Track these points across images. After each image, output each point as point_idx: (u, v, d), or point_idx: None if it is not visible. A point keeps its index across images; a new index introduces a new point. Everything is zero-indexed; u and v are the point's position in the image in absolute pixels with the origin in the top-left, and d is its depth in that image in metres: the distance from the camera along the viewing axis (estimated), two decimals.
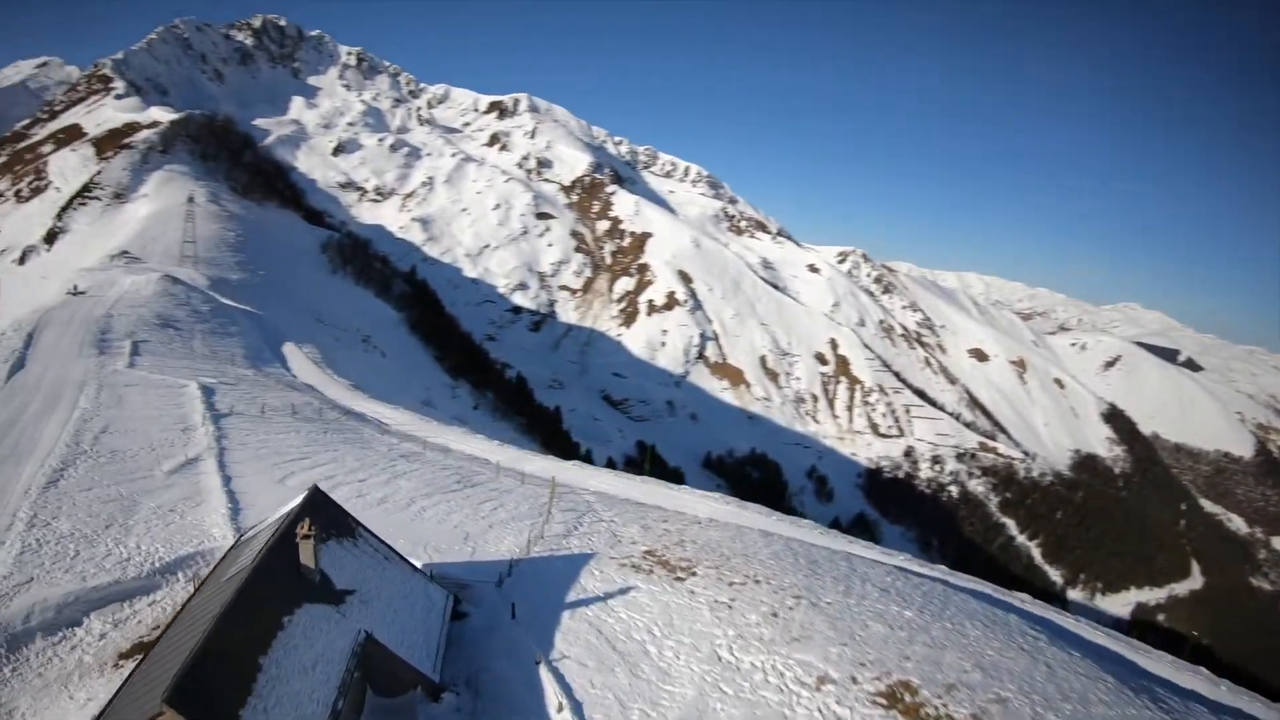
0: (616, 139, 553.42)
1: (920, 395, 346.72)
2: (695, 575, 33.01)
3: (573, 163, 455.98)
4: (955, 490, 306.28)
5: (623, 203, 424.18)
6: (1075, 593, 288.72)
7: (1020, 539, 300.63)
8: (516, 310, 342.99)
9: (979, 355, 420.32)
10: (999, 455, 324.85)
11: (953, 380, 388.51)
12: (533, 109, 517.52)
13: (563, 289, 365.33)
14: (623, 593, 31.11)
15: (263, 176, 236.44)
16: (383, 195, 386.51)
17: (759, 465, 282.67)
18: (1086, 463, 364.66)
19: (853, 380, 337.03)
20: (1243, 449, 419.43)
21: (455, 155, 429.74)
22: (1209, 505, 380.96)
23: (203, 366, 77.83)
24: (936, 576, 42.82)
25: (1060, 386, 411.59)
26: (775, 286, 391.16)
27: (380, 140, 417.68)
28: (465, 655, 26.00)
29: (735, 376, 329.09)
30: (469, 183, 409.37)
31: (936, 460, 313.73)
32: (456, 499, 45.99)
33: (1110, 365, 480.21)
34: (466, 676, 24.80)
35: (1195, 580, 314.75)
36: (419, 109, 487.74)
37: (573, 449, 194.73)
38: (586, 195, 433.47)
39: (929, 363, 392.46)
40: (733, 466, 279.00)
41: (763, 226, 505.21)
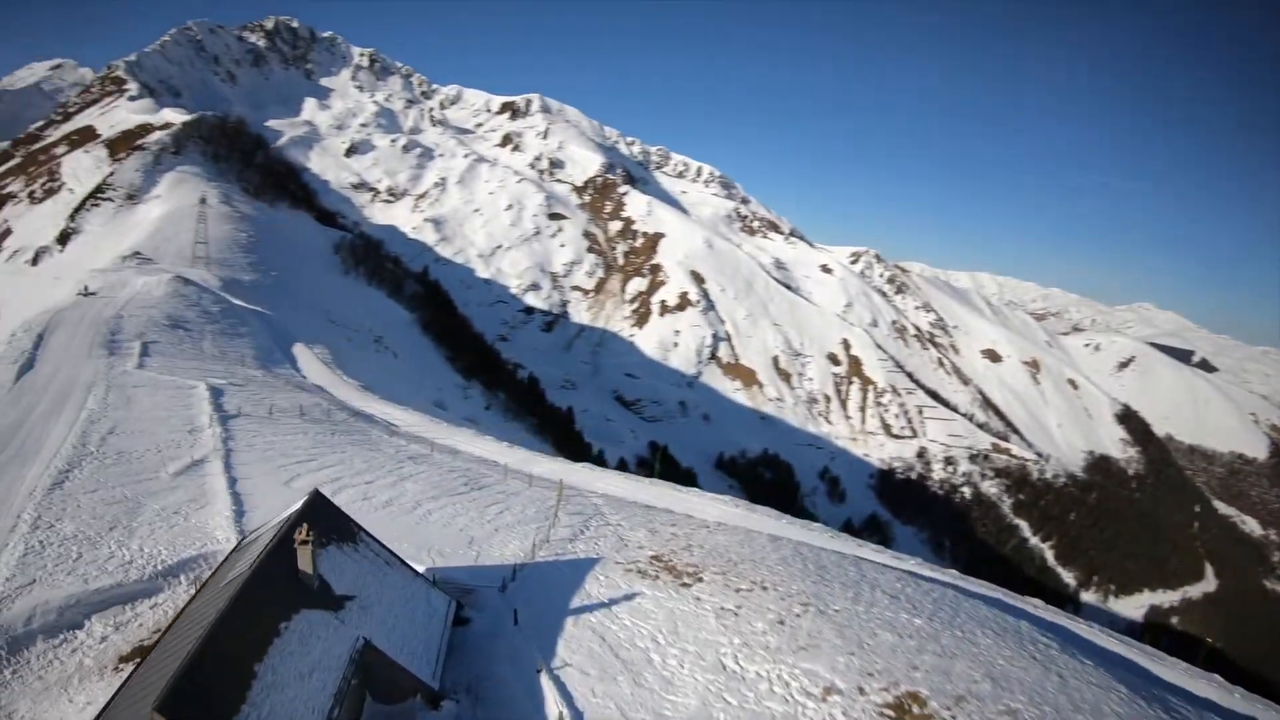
0: (629, 139, 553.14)
1: (933, 396, 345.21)
2: (702, 581, 32.65)
3: (585, 163, 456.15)
4: (968, 491, 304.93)
5: (635, 203, 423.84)
6: (1088, 595, 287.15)
7: (1033, 541, 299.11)
8: (529, 311, 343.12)
9: (992, 356, 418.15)
10: (1012, 456, 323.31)
11: (966, 381, 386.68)
12: (545, 110, 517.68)
13: (575, 289, 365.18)
14: (627, 599, 30.79)
15: (275, 177, 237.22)
16: (395, 196, 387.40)
17: (771, 466, 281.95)
18: (1100, 464, 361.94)
19: (865, 381, 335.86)
20: (1257, 450, 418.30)
21: (468, 156, 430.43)
22: (1223, 507, 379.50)
23: (212, 367, 77.96)
24: (948, 582, 42.35)
25: (1074, 387, 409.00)
26: (788, 287, 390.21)
27: (393, 141, 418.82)
28: (467, 662, 25.75)
29: (748, 377, 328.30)
30: (481, 183, 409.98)
31: (949, 461, 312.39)
32: (463, 502, 45.80)
33: (1124, 366, 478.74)
34: (468, 683, 24.59)
35: (1209, 583, 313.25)
36: (431, 110, 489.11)
37: (585, 450, 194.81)
38: (599, 196, 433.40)
39: (942, 363, 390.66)
40: (745, 467, 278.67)
41: (775, 227, 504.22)
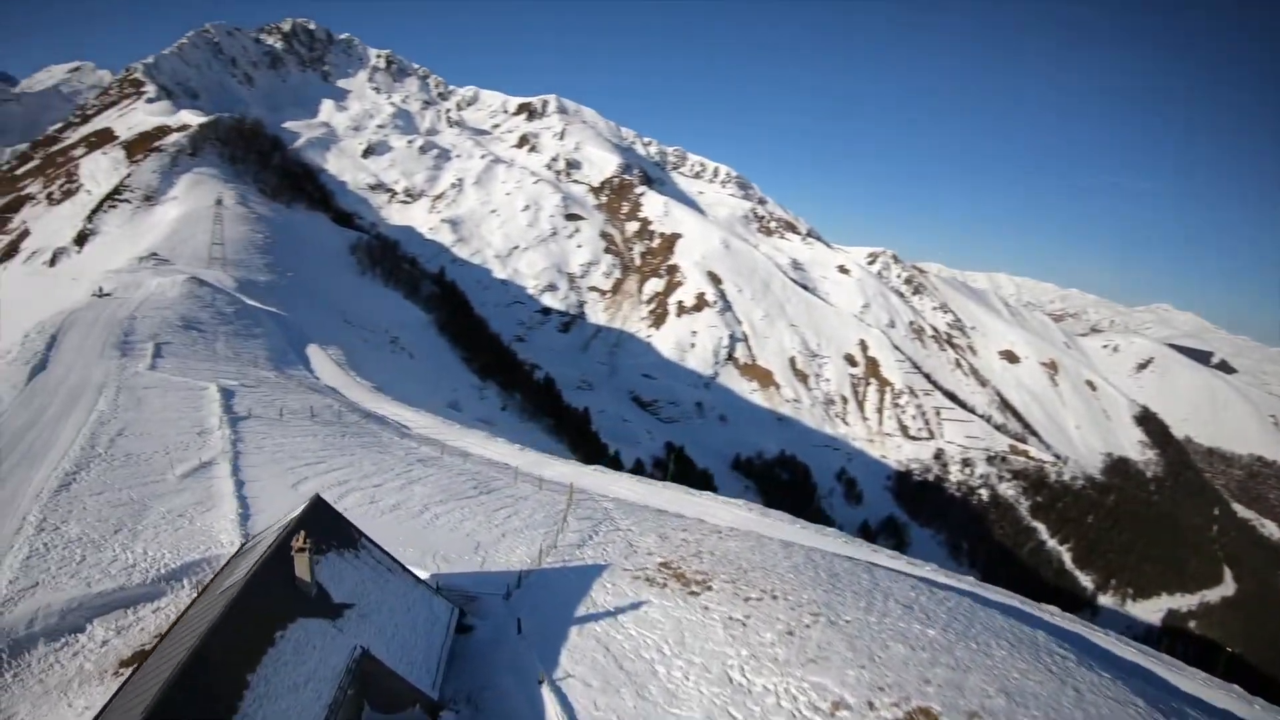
0: (645, 140, 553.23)
1: (950, 397, 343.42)
2: (710, 589, 32.12)
3: (602, 164, 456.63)
4: (985, 494, 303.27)
5: (652, 204, 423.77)
6: (1106, 598, 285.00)
7: (1051, 544, 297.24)
8: (546, 311, 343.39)
9: (1010, 357, 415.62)
10: (1030, 458, 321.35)
11: (983, 382, 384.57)
12: (561, 110, 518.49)
13: (592, 290, 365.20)
14: (634, 607, 30.30)
15: (292, 179, 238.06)
16: (412, 197, 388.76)
17: (788, 467, 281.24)
18: (1118, 466, 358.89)
19: (882, 382, 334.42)
20: (1276, 453, 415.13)
21: (484, 157, 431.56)
22: (1242, 510, 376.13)
23: (224, 368, 77.94)
24: (964, 589, 41.69)
25: (1092, 389, 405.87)
26: (805, 287, 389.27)
27: (410, 142, 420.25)
28: (468, 671, 25.37)
29: (764, 378, 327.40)
30: (498, 184, 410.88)
31: (967, 463, 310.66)
32: (471, 506, 45.47)
33: (1142, 367, 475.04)
34: (468, 693, 24.20)
35: (1227, 587, 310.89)
36: (448, 111, 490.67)
37: (601, 450, 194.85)
38: (615, 196, 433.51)
39: (959, 364, 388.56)
40: (762, 468, 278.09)
41: (792, 227, 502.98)
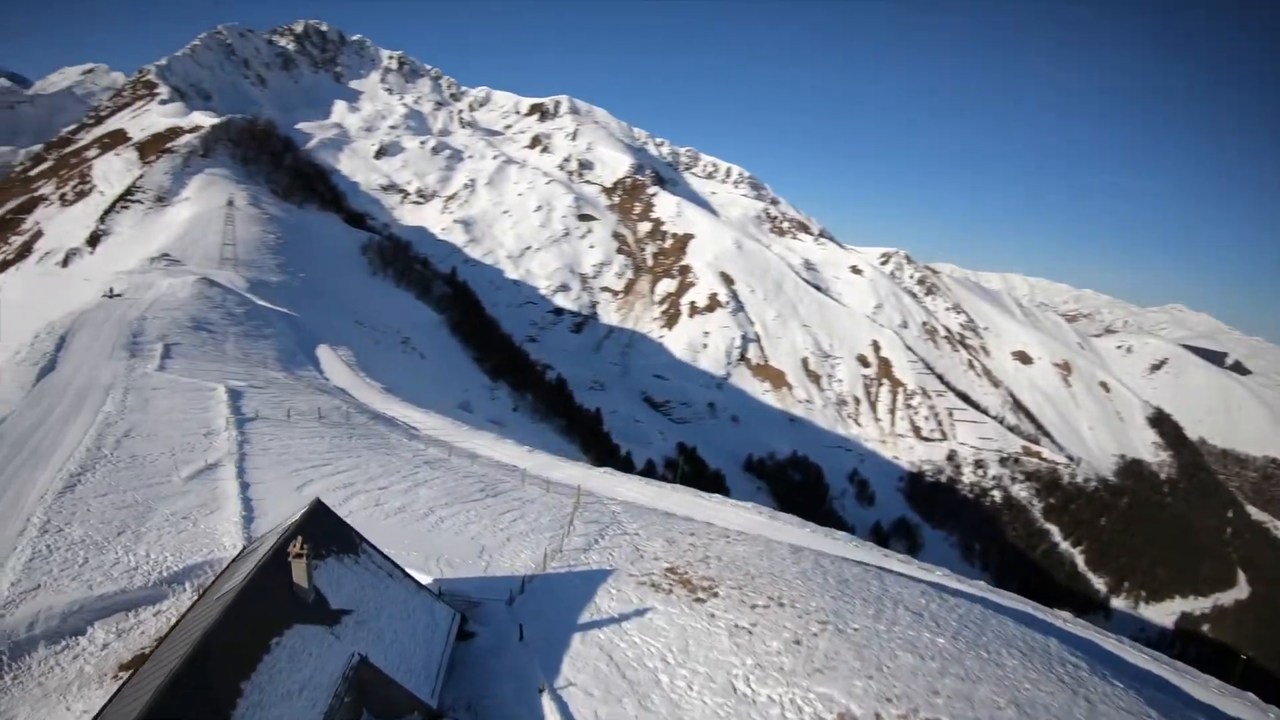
0: (658, 140, 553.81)
1: (963, 398, 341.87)
2: (717, 596, 31.70)
3: (614, 164, 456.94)
4: (998, 495, 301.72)
5: (664, 204, 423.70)
6: (1119, 601, 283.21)
7: (1064, 546, 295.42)
8: (558, 312, 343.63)
9: (1023, 358, 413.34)
10: (1043, 460, 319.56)
11: (996, 383, 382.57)
12: (573, 111, 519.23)
13: (604, 290, 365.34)
14: (638, 614, 29.89)
15: (304, 179, 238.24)
16: (424, 197, 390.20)
17: (800, 468, 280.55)
18: (1131, 468, 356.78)
19: (895, 383, 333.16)
20: None
21: (497, 157, 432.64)
22: (1256, 512, 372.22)
23: (233, 369, 77.83)
24: (975, 595, 41.18)
25: (1105, 390, 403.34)
26: (817, 288, 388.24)
27: (422, 143, 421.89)
28: (469, 678, 25.07)
29: (777, 378, 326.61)
30: (510, 185, 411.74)
31: (979, 464, 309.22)
32: (477, 509, 45.13)
33: (1156, 368, 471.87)
34: (468, 701, 23.93)
35: (1241, 590, 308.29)
36: (460, 112, 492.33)
37: (613, 451, 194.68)
38: (628, 197, 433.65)
39: (972, 365, 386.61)
40: (774, 469, 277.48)
41: (805, 227, 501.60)
